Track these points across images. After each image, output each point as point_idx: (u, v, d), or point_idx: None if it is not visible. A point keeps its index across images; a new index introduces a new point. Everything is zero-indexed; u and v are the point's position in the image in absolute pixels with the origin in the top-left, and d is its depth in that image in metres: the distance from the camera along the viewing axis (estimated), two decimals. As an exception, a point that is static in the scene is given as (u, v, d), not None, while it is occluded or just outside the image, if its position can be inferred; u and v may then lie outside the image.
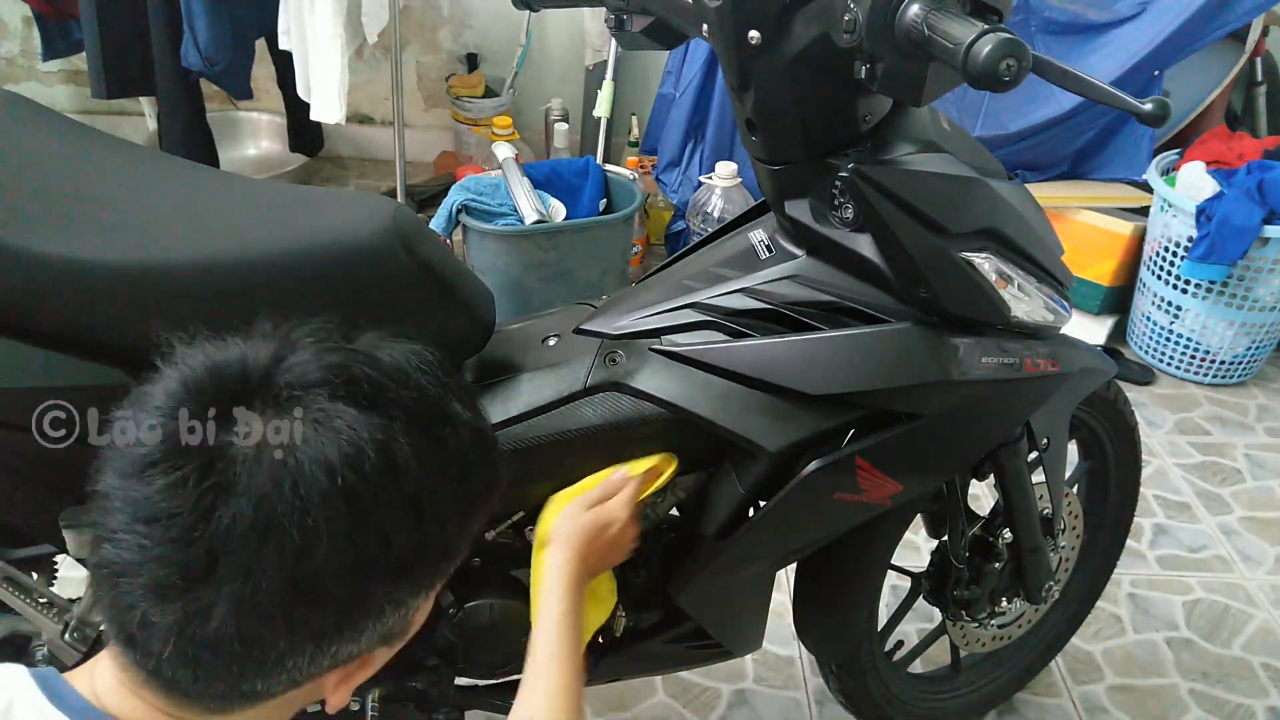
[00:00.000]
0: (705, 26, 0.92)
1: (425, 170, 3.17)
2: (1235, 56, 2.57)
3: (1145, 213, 2.46)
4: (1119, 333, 2.59)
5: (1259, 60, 2.65)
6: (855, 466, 1.01)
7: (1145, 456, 1.69)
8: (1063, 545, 1.37)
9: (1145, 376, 2.46)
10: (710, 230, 1.15)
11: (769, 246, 1.03)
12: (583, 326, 1.05)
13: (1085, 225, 2.49)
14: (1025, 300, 1.03)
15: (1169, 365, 2.47)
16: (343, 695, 0.66)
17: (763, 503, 1.06)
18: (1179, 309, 2.37)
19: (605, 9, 1.09)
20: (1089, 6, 2.49)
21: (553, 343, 1.06)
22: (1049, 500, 1.28)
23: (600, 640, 1.19)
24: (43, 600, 1.04)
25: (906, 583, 1.40)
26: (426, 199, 2.87)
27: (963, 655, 1.51)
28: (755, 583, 1.18)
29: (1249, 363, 2.42)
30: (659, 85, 2.87)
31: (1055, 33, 2.49)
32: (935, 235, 0.95)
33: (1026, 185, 1.10)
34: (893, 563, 1.29)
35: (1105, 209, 2.50)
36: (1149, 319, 2.46)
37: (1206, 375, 2.44)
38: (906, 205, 0.94)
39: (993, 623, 1.37)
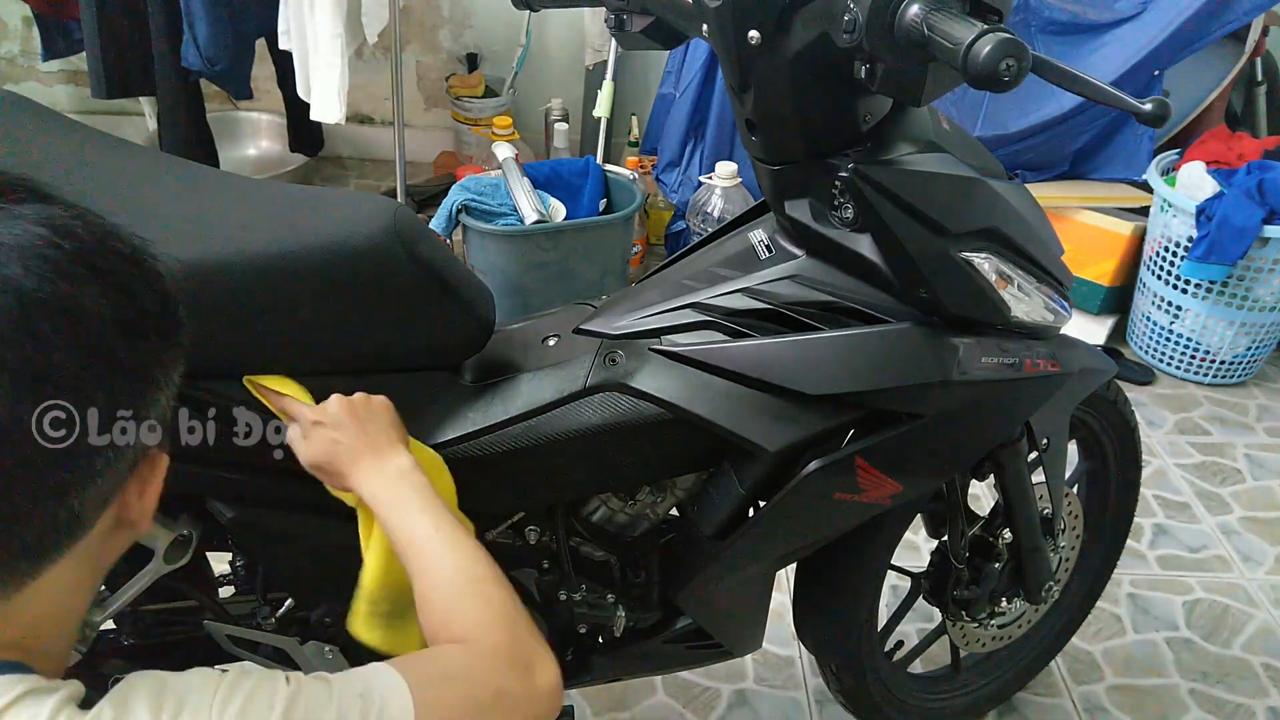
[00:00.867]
0: (705, 26, 0.92)
1: (425, 170, 3.17)
2: (1235, 56, 2.57)
3: (1145, 213, 2.46)
4: (1119, 333, 2.59)
5: (1259, 60, 2.65)
6: (855, 466, 1.01)
7: (1145, 456, 1.69)
8: (1063, 545, 1.37)
9: (1145, 376, 2.46)
10: (710, 230, 1.15)
11: (769, 246, 1.03)
12: (583, 326, 1.05)
13: (1085, 225, 2.49)
14: (1025, 300, 1.03)
15: (1169, 365, 2.47)
16: (149, 503, 0.66)
17: (763, 503, 1.06)
18: (1179, 309, 2.37)
19: (605, 9, 1.09)
20: (1089, 6, 2.49)
21: (553, 343, 1.06)
22: (1049, 500, 1.28)
23: (600, 640, 1.19)
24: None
25: (906, 583, 1.40)
26: (426, 199, 2.87)
27: (963, 655, 1.51)
28: (755, 583, 1.18)
29: (1249, 363, 2.42)
30: (659, 85, 2.88)
31: (1055, 33, 2.49)
32: (935, 235, 0.95)
33: (1026, 185, 1.10)
34: (893, 563, 1.29)
35: (1105, 209, 2.49)
36: (1149, 319, 2.46)
37: (1206, 375, 2.44)
38: (906, 205, 0.93)
39: (993, 623, 1.38)
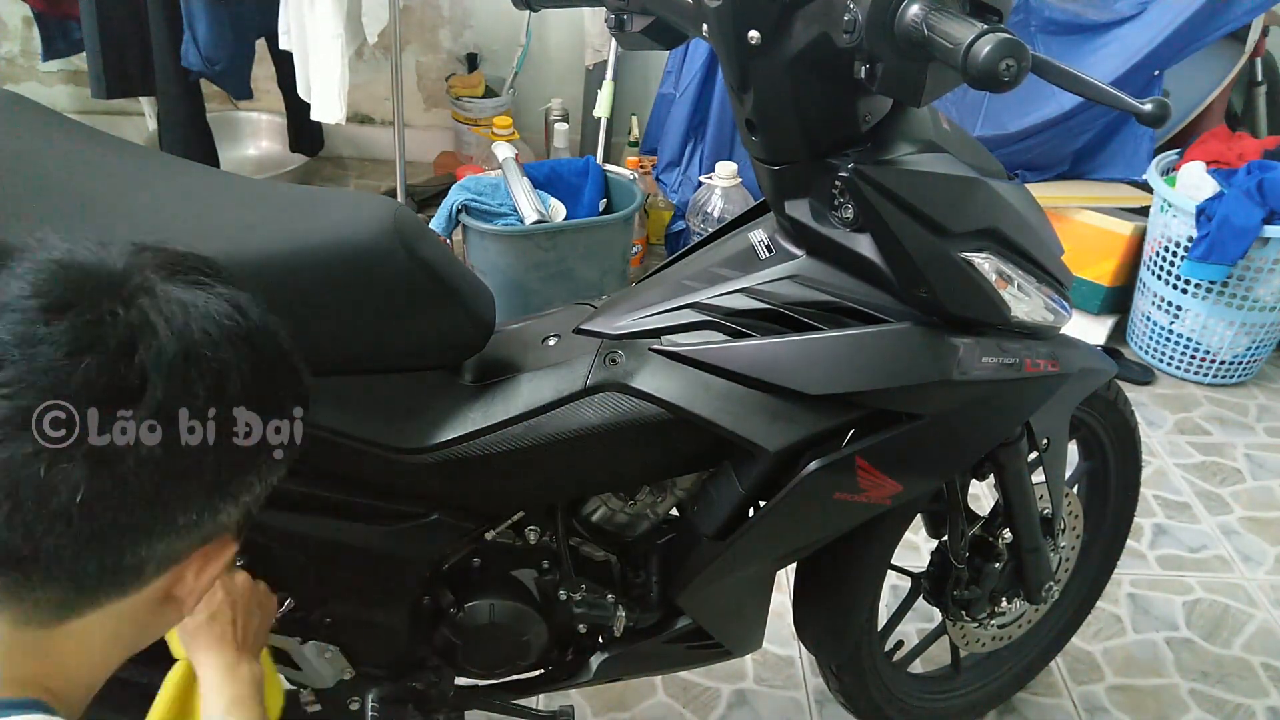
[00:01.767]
0: (705, 26, 0.92)
1: (425, 170, 3.17)
2: (1235, 56, 2.57)
3: (1145, 213, 2.46)
4: (1119, 333, 2.59)
5: (1259, 60, 2.65)
6: (855, 466, 1.01)
7: (1145, 456, 1.69)
8: (1063, 545, 1.37)
9: (1145, 376, 2.46)
10: (710, 230, 1.15)
11: (769, 246, 1.03)
12: (583, 326, 1.05)
13: (1085, 225, 2.49)
14: (1025, 300, 1.03)
15: (1169, 365, 2.46)
16: (203, 585, 0.65)
17: (763, 503, 1.06)
18: (1179, 309, 2.37)
19: (605, 9, 1.09)
20: (1089, 6, 2.49)
21: (553, 343, 1.06)
22: (1049, 500, 1.28)
23: (600, 640, 1.19)
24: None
25: (906, 583, 1.40)
26: (426, 199, 2.87)
27: (963, 655, 1.51)
28: (755, 583, 1.18)
29: (1249, 363, 2.42)
30: (659, 85, 2.87)
31: (1055, 33, 2.49)
32: (935, 235, 0.95)
33: (1026, 185, 1.10)
34: (893, 563, 1.29)
35: (1105, 209, 2.49)
36: (1149, 319, 2.46)
37: (1206, 375, 2.44)
38: (906, 205, 0.93)
39: (993, 623, 1.38)
